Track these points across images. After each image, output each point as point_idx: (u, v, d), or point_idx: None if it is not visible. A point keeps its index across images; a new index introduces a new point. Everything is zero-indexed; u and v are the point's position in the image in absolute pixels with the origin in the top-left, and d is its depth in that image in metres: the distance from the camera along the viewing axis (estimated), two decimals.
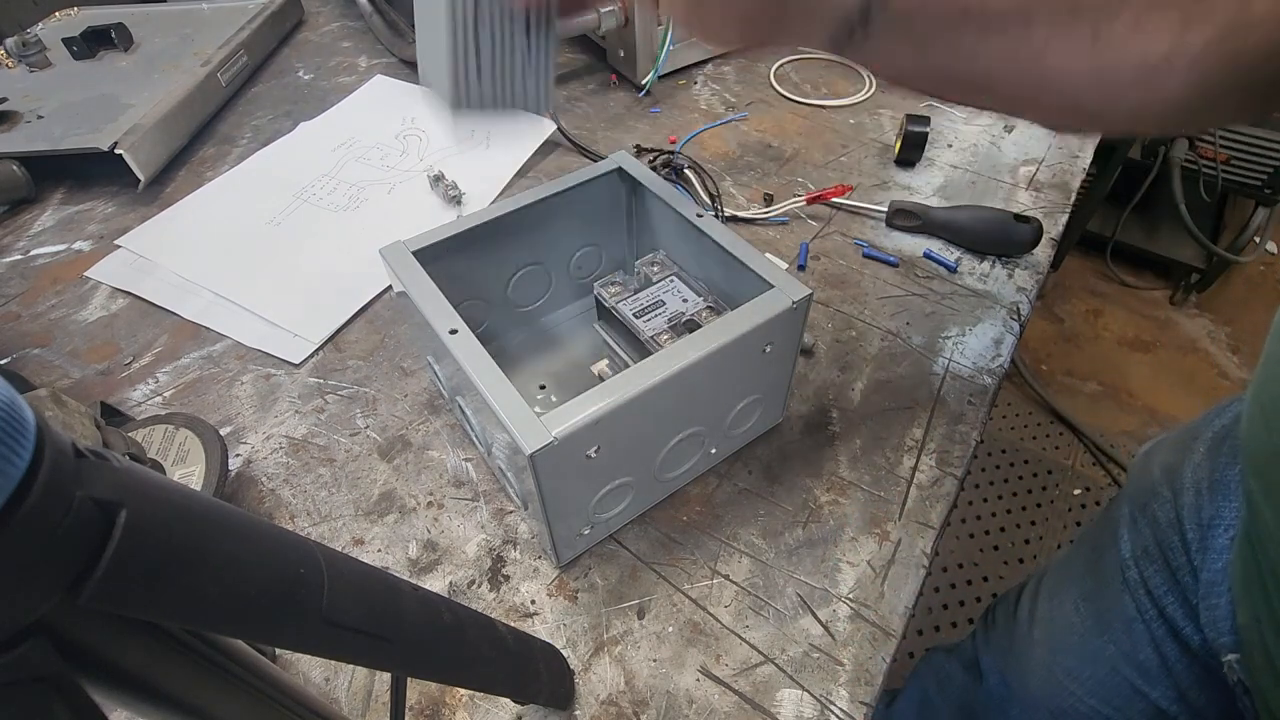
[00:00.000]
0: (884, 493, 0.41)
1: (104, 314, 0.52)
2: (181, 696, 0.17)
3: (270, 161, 0.65)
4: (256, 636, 0.17)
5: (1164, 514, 0.48)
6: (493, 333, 0.46)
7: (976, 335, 0.49)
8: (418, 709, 0.33)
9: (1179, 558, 0.46)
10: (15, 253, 0.58)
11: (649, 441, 0.35)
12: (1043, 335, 1.63)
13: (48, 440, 0.13)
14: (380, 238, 0.39)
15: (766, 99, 0.71)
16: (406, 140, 0.67)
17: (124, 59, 0.74)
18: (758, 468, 0.42)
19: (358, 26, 0.85)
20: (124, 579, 0.13)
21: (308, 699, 0.21)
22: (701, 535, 0.39)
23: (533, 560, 0.38)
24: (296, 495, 0.41)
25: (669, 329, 0.39)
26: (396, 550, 0.39)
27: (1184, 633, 0.46)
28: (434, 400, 0.46)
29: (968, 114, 0.69)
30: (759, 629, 0.35)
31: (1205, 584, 0.44)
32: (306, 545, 0.18)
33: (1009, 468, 1.37)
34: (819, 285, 0.52)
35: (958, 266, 0.53)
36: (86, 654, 0.14)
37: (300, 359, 0.48)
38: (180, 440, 0.39)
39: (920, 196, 0.60)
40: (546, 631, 0.36)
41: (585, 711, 0.33)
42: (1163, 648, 0.48)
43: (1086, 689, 0.53)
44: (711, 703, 0.33)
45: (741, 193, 0.60)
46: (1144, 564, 0.49)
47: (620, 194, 0.45)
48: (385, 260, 0.38)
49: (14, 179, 0.60)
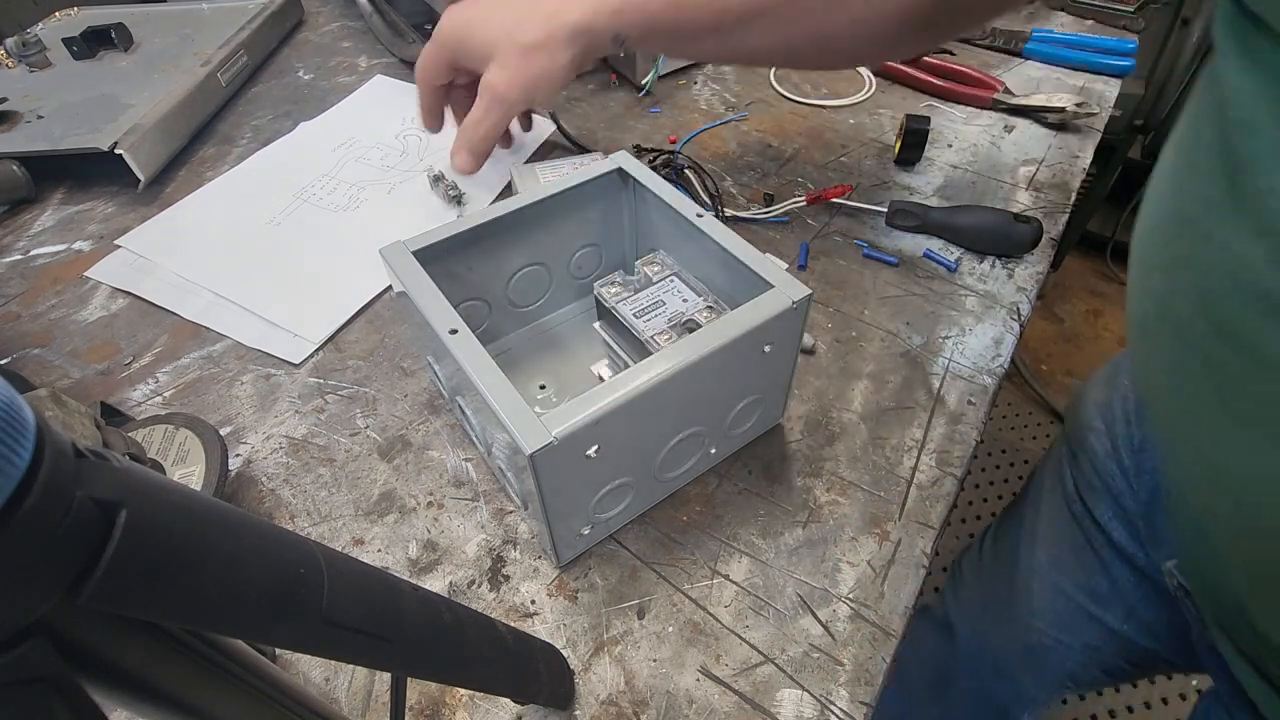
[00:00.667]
0: (884, 493, 0.41)
1: (104, 314, 0.52)
2: (181, 696, 0.17)
3: (270, 161, 0.65)
4: (256, 636, 0.17)
5: (1100, 446, 0.52)
6: (493, 333, 0.46)
7: (976, 335, 0.49)
8: (418, 709, 0.33)
9: (1118, 483, 0.50)
10: (15, 253, 0.58)
11: (649, 441, 0.35)
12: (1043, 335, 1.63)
13: (48, 440, 0.13)
14: (380, 238, 0.39)
15: (766, 99, 0.71)
16: (406, 140, 0.67)
17: (124, 59, 0.74)
18: (758, 468, 0.42)
19: (358, 26, 0.85)
20: (124, 579, 0.13)
21: (308, 699, 0.21)
22: (701, 535, 0.39)
23: (533, 560, 0.38)
24: (296, 495, 0.41)
25: (669, 329, 0.39)
26: (396, 550, 0.39)
27: (1128, 552, 0.51)
28: (434, 400, 0.46)
29: (967, 114, 0.69)
30: (759, 629, 0.35)
31: (1143, 504, 0.48)
32: (306, 545, 0.18)
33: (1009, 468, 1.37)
34: (819, 285, 0.52)
35: (958, 266, 0.53)
36: (86, 654, 0.14)
37: (300, 359, 0.48)
38: (180, 440, 0.39)
39: (920, 196, 0.60)
40: (546, 631, 0.36)
41: (585, 711, 0.33)
42: (1112, 570, 0.52)
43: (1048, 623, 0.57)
44: (711, 703, 0.33)
45: (741, 193, 0.60)
46: (1088, 495, 0.53)
47: (620, 194, 0.45)
48: (385, 260, 0.38)
49: (14, 179, 0.60)
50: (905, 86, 0.73)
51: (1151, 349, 0.32)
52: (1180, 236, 0.29)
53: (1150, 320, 0.32)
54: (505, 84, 0.49)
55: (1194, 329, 0.27)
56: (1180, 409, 0.31)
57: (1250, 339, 0.24)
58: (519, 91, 0.49)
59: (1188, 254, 0.28)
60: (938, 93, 0.71)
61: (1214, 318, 0.26)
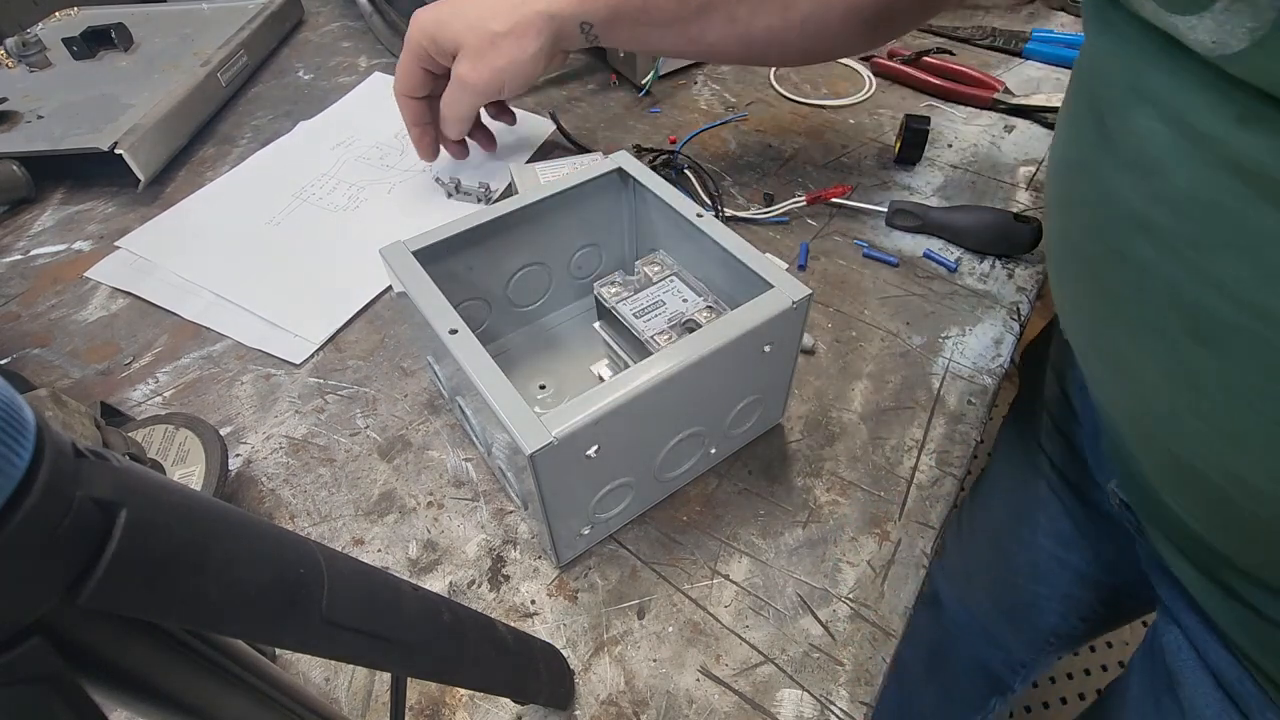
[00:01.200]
0: (884, 493, 0.41)
1: (104, 314, 0.52)
2: (181, 696, 0.17)
3: (270, 161, 0.65)
4: (256, 636, 0.17)
5: (1052, 394, 0.56)
6: (493, 333, 0.46)
7: (976, 335, 0.49)
8: (418, 709, 0.33)
9: (1070, 425, 0.54)
10: (15, 253, 0.58)
11: (649, 441, 0.35)
12: None
13: (48, 440, 0.13)
14: (380, 238, 0.39)
15: (766, 99, 0.71)
16: (406, 140, 0.66)
17: (124, 59, 0.74)
18: (758, 468, 0.42)
19: (358, 26, 0.85)
20: (124, 579, 0.13)
21: (308, 699, 0.21)
22: (701, 535, 0.39)
23: (533, 560, 0.38)
24: (296, 495, 0.41)
25: (669, 329, 0.39)
26: (396, 550, 0.39)
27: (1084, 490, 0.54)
28: (434, 400, 0.46)
29: (967, 114, 0.69)
30: (759, 629, 0.35)
31: (1090, 437, 0.51)
32: (306, 545, 0.18)
33: None
34: (819, 285, 0.52)
35: (958, 266, 0.53)
36: (86, 654, 0.14)
37: (300, 359, 0.48)
38: (180, 440, 0.39)
39: (920, 196, 0.60)
40: (546, 631, 0.36)
41: (585, 711, 0.33)
42: (1075, 514, 0.56)
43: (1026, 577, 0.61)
44: (711, 703, 0.33)
45: (741, 193, 0.60)
46: (1048, 444, 0.57)
47: (620, 194, 0.45)
48: (385, 260, 0.38)
49: (14, 179, 0.60)
50: (905, 86, 0.73)
51: (1062, 279, 0.36)
52: (1070, 176, 0.33)
53: (1058, 254, 0.36)
54: (472, 72, 0.51)
55: (1089, 254, 0.32)
56: (1090, 329, 0.35)
57: (1129, 255, 0.28)
58: (486, 79, 0.51)
59: (1078, 191, 0.32)
60: (938, 93, 0.71)
61: (1101, 241, 0.30)
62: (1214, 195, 0.24)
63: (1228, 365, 0.26)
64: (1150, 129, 0.26)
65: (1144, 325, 0.29)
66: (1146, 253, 0.27)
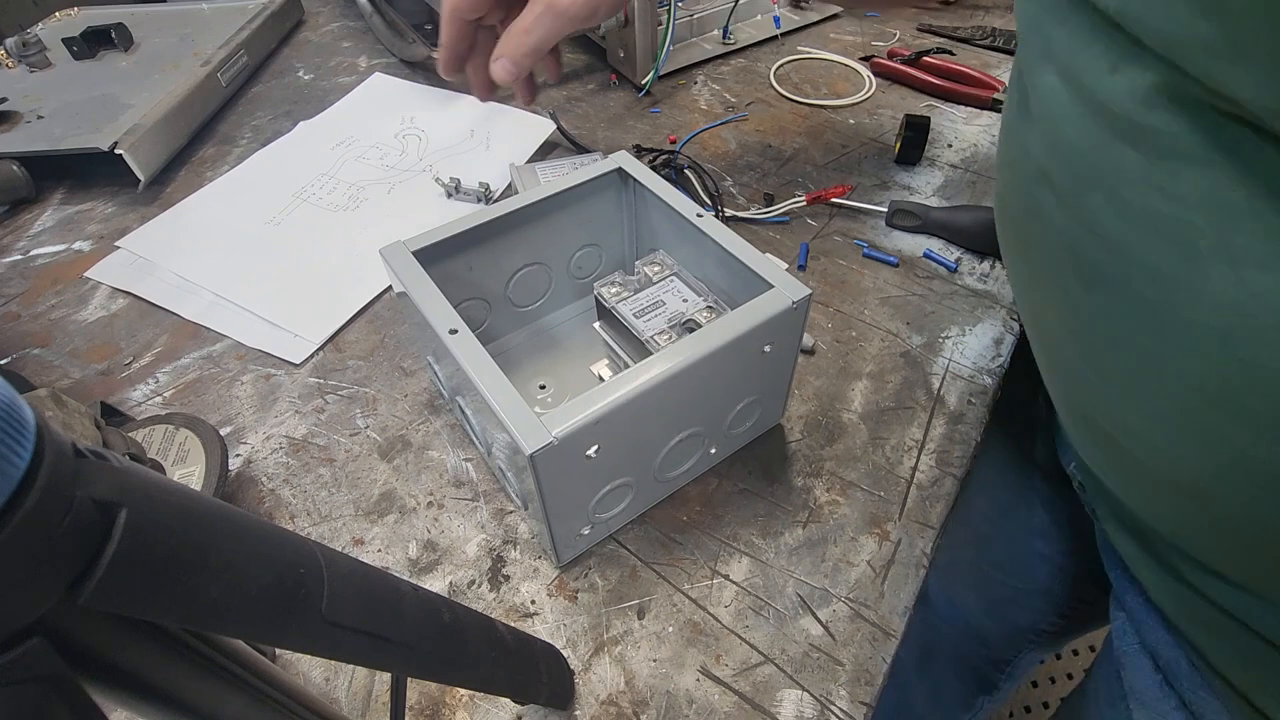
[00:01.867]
0: (884, 493, 0.41)
1: (104, 314, 0.52)
2: (181, 696, 0.17)
3: (270, 161, 0.65)
4: (256, 636, 0.17)
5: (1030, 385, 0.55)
6: (493, 333, 0.46)
7: (976, 335, 0.49)
8: (418, 709, 0.33)
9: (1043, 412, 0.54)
10: (15, 253, 0.58)
11: (649, 441, 0.35)
12: None
13: (48, 440, 0.13)
14: (380, 238, 0.39)
15: (766, 99, 0.71)
16: (406, 140, 0.66)
17: (124, 59, 0.74)
18: (758, 468, 0.42)
19: (358, 26, 0.85)
20: (124, 579, 0.13)
21: (308, 699, 0.21)
22: (701, 535, 0.39)
23: (533, 560, 0.38)
24: (296, 495, 0.41)
25: (669, 329, 0.39)
26: (396, 550, 0.39)
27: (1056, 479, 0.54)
28: (434, 400, 0.46)
29: (967, 114, 0.69)
30: (759, 629, 0.35)
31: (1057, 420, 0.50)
32: (306, 545, 0.18)
33: None
34: (819, 285, 0.52)
35: (958, 266, 0.53)
36: (86, 654, 0.14)
37: (300, 359, 0.48)
38: (180, 440, 0.39)
39: (920, 196, 0.60)
40: (546, 631, 0.36)
41: (585, 711, 0.33)
42: (1050, 506, 0.57)
43: (1007, 572, 0.62)
44: (711, 703, 0.33)
45: (741, 193, 0.60)
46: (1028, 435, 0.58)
47: (620, 194, 0.45)
48: (385, 260, 0.38)
49: (14, 179, 0.60)
50: (905, 86, 0.73)
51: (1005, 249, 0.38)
52: (1004, 142, 0.35)
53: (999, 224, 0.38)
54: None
55: (1012, 214, 0.34)
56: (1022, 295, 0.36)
57: (1037, 210, 0.30)
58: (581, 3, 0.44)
59: (1005, 153, 0.34)
60: (938, 93, 0.71)
61: (1019, 199, 0.32)
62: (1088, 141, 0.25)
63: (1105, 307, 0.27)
64: (1050, 85, 0.27)
65: (1050, 279, 0.30)
66: (1049, 204, 0.29)
